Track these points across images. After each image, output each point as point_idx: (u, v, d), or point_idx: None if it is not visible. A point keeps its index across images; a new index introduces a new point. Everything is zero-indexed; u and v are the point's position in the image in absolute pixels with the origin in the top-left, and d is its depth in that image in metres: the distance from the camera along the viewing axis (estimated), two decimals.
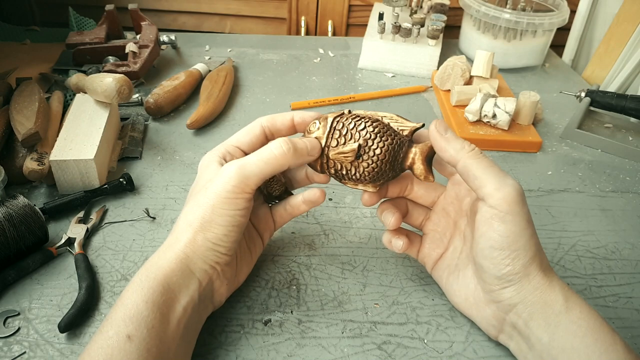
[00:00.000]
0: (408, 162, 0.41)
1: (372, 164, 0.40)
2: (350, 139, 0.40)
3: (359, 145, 0.40)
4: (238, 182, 0.37)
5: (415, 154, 0.40)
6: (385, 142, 0.40)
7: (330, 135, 0.40)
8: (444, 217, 0.44)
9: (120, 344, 0.32)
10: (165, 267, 0.36)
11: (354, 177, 0.41)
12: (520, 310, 0.37)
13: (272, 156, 0.39)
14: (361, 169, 0.40)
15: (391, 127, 0.41)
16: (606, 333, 0.35)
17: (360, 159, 0.40)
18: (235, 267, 0.42)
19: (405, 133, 0.41)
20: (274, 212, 0.45)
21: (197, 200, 0.39)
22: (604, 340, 0.34)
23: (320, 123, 0.41)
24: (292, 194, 0.45)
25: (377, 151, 0.40)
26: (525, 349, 0.38)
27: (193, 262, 0.37)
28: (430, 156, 0.41)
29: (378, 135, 0.40)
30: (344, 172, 0.41)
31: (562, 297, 0.36)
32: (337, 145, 0.40)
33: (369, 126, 0.40)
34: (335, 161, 0.41)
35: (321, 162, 0.41)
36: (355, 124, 0.40)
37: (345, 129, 0.40)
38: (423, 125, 0.41)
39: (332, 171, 0.41)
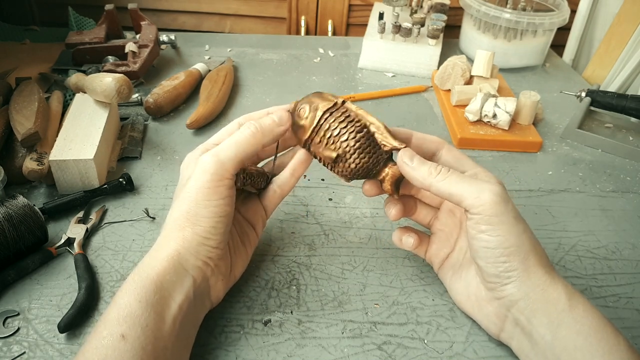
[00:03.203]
0: (380, 177, 0.42)
1: (345, 171, 0.42)
2: (332, 144, 0.41)
3: (337, 155, 0.41)
4: (215, 169, 0.38)
5: (387, 175, 0.42)
6: (362, 160, 0.41)
7: (315, 132, 0.41)
8: (450, 217, 0.45)
9: (114, 343, 0.32)
10: (158, 267, 0.36)
11: (330, 169, 0.43)
12: (522, 306, 0.37)
13: (243, 137, 0.40)
14: (336, 170, 0.42)
15: (374, 140, 0.41)
16: (610, 333, 0.35)
17: (337, 163, 0.41)
18: (229, 261, 0.42)
19: (385, 149, 0.41)
20: (262, 198, 0.45)
21: (180, 197, 0.39)
22: (608, 340, 0.34)
23: (310, 112, 0.41)
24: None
25: (352, 165, 0.41)
26: (528, 348, 0.38)
27: (185, 259, 0.37)
28: (400, 179, 0.42)
29: (357, 151, 0.40)
30: (322, 164, 0.43)
31: (565, 294, 0.36)
32: (319, 143, 0.41)
33: (351, 139, 0.40)
34: (315, 153, 0.42)
35: (304, 146, 0.43)
36: (340, 131, 0.40)
37: (330, 133, 0.41)
38: (405, 147, 0.41)
39: (312, 155, 0.43)
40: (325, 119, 0.41)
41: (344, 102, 0.42)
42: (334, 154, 0.41)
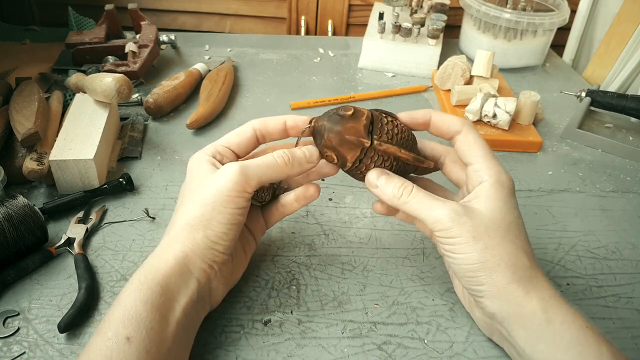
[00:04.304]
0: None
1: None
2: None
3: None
4: (240, 180, 0.38)
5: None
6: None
7: (349, 168, 0.41)
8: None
9: (119, 346, 0.32)
10: (164, 268, 0.36)
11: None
12: (499, 320, 0.37)
13: (274, 162, 0.40)
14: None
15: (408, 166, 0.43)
16: (591, 344, 0.34)
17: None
18: (231, 266, 0.42)
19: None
20: (264, 212, 0.45)
21: (195, 199, 0.39)
22: (589, 352, 0.34)
23: (335, 159, 0.40)
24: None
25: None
26: (515, 355, 0.38)
27: (192, 262, 0.37)
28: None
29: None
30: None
31: (541, 309, 0.35)
32: (354, 174, 0.42)
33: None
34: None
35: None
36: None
37: (364, 173, 0.41)
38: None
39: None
40: (356, 166, 0.41)
41: (372, 143, 0.39)
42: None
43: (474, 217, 0.37)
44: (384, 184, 0.40)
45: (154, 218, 0.52)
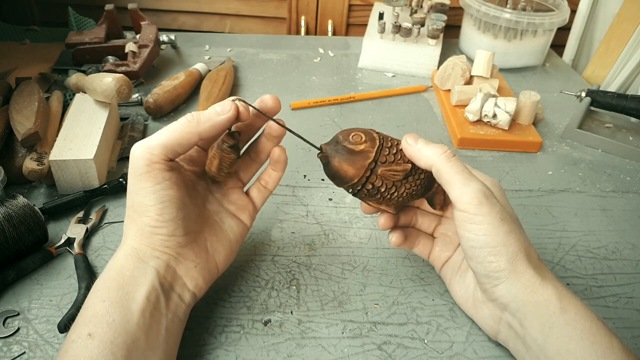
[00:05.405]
0: (432, 191, 0.43)
1: (414, 186, 0.41)
2: (400, 159, 0.40)
3: (412, 166, 0.40)
4: (142, 154, 0.37)
5: (439, 187, 0.43)
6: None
7: (379, 151, 0.40)
8: (453, 223, 0.44)
9: (82, 343, 0.33)
10: (116, 265, 0.37)
11: (388, 196, 0.41)
12: (514, 309, 0.37)
13: (174, 125, 0.39)
14: (402, 189, 0.40)
15: None
16: (603, 336, 0.34)
17: (406, 179, 0.40)
18: (200, 248, 0.40)
19: None
20: (249, 191, 0.45)
21: (127, 193, 0.39)
22: (601, 344, 0.34)
23: (364, 137, 0.40)
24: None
25: (422, 175, 0.41)
26: (523, 351, 0.38)
27: (143, 253, 0.37)
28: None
29: None
30: (382, 190, 0.40)
31: (556, 297, 0.36)
32: (385, 162, 0.40)
33: None
34: (381, 177, 0.40)
35: (362, 176, 0.39)
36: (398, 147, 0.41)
37: (395, 149, 0.40)
38: None
39: (369, 186, 0.40)
40: (384, 138, 0.40)
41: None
42: (408, 165, 0.40)
43: (500, 202, 0.38)
44: (423, 145, 0.39)
45: None
